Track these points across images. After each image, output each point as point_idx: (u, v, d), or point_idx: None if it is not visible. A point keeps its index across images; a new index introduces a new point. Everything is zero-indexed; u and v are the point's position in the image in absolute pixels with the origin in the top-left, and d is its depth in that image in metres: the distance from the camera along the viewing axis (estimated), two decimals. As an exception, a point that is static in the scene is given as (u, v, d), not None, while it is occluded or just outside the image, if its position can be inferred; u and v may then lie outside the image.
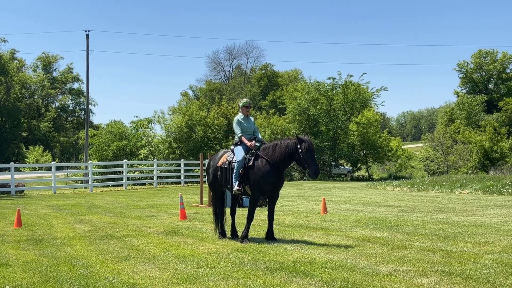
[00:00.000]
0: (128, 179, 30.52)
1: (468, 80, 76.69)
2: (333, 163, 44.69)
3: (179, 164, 32.47)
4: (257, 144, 9.54)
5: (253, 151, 9.43)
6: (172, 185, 31.26)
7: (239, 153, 9.46)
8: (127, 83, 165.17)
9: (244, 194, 9.62)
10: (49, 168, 29.38)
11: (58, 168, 31.34)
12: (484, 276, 6.52)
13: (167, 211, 15.40)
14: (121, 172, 30.17)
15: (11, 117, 70.12)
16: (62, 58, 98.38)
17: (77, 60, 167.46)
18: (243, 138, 9.61)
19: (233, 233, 9.97)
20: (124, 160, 30.02)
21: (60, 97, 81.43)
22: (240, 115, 9.88)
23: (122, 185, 29.06)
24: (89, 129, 45.48)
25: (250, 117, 10.03)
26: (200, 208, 16.14)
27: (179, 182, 31.81)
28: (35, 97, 78.24)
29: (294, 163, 9.50)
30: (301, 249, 8.48)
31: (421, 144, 65.15)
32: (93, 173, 29.59)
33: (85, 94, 57.79)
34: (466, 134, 48.58)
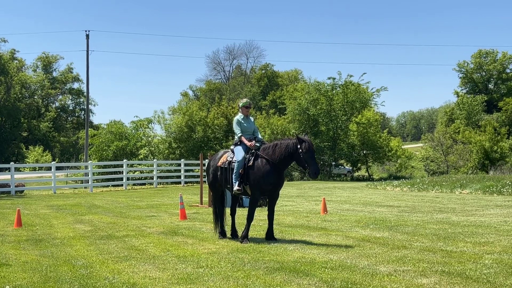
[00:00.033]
0: (128, 179, 30.52)
1: (468, 80, 76.68)
2: (333, 163, 44.69)
3: (179, 164, 32.47)
4: (257, 144, 9.54)
5: (253, 151, 9.43)
6: (172, 185, 31.26)
7: (239, 153, 9.46)
8: (127, 83, 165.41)
9: (244, 194, 9.62)
10: (49, 168, 29.39)
11: (58, 168, 31.35)
12: (484, 276, 6.52)
13: (167, 211, 15.40)
14: (121, 172, 30.17)
15: (11, 117, 70.13)
16: (62, 58, 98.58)
17: (77, 60, 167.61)
18: (243, 138, 9.61)
19: (233, 233, 9.97)
20: (124, 160, 30.03)
21: (60, 97, 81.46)
22: (240, 115, 9.88)
23: (122, 185, 29.07)
24: (89, 129, 45.47)
25: (250, 117, 10.03)
26: (200, 208, 16.14)
27: (179, 182, 31.82)
28: (35, 97, 78.24)
29: (294, 163, 9.50)
30: (301, 249, 8.48)
31: (421, 144, 65.15)
32: (93, 173, 29.59)
33: (85, 94, 57.81)
34: (466, 134, 48.57)
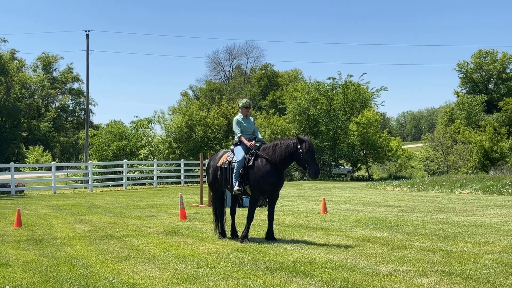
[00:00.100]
0: (128, 179, 30.53)
1: (468, 80, 76.66)
2: (333, 163, 44.68)
3: (179, 164, 32.48)
4: (257, 144, 9.55)
5: (253, 151, 9.44)
6: (172, 185, 31.26)
7: (239, 153, 9.46)
8: (127, 83, 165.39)
9: (244, 194, 9.62)
10: (49, 168, 29.40)
11: (58, 168, 31.35)
12: (484, 276, 6.52)
13: (167, 211, 15.40)
14: (121, 172, 30.17)
15: (11, 117, 70.13)
16: (62, 58, 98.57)
17: (77, 60, 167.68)
18: (243, 138, 9.61)
19: (233, 233, 9.97)
20: (124, 160, 30.03)
21: (60, 97, 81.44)
22: (240, 115, 9.88)
23: (122, 185, 29.07)
24: (89, 129, 45.47)
25: (250, 117, 10.03)
26: (200, 208, 16.14)
27: (179, 182, 31.82)
28: (35, 97, 78.23)
29: (294, 163, 9.50)
30: (301, 249, 8.48)
31: (421, 144, 65.14)
32: (93, 173, 29.59)
33: (85, 94, 57.82)
34: (466, 134, 48.57)
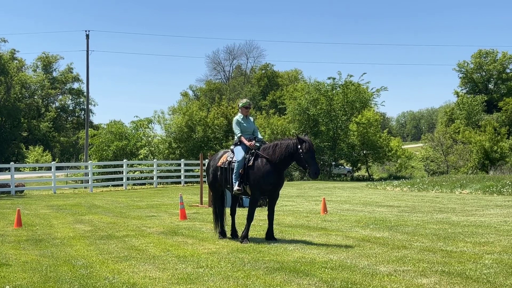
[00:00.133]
0: (128, 179, 30.52)
1: (468, 80, 76.66)
2: (333, 163, 44.68)
3: (179, 164, 32.48)
4: (257, 144, 9.55)
5: (253, 151, 9.44)
6: (172, 185, 31.26)
7: (239, 153, 9.47)
8: (127, 83, 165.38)
9: (244, 194, 9.62)
10: (49, 168, 29.40)
11: (58, 168, 31.34)
12: (484, 276, 6.52)
13: (167, 211, 15.40)
14: (121, 172, 30.17)
15: (11, 117, 70.12)
16: (62, 58, 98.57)
17: (77, 60, 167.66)
18: (243, 138, 9.61)
19: (233, 233, 9.97)
20: (124, 160, 30.02)
21: (60, 97, 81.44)
22: (240, 115, 9.88)
23: (122, 185, 29.07)
24: (89, 129, 45.47)
25: (250, 117, 10.03)
26: (200, 208, 16.14)
27: (179, 182, 31.82)
28: (35, 97, 78.22)
29: (294, 163, 9.50)
30: (301, 249, 8.48)
31: (421, 144, 65.14)
32: (93, 173, 29.59)
33: (85, 94, 57.82)
34: (466, 134, 48.56)
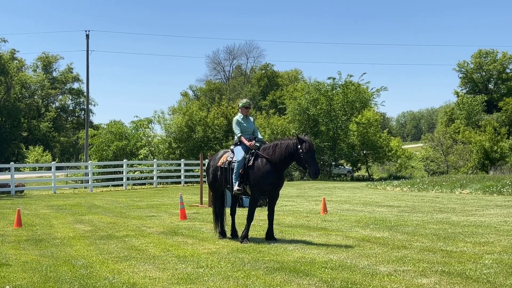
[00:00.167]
0: (128, 179, 30.52)
1: (468, 80, 76.66)
2: (333, 163, 44.68)
3: (179, 164, 32.48)
4: (257, 144, 9.55)
5: (253, 151, 9.44)
6: (172, 185, 31.26)
7: (239, 153, 9.47)
8: (127, 83, 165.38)
9: (244, 194, 9.62)
10: (49, 168, 29.39)
11: (58, 168, 31.34)
12: (484, 276, 6.51)
13: (167, 211, 15.40)
14: (121, 172, 30.17)
15: (11, 117, 70.12)
16: (62, 58, 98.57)
17: (77, 60, 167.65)
18: (242, 138, 9.61)
19: (233, 233, 9.97)
20: (124, 160, 30.02)
21: (60, 97, 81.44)
22: (240, 115, 9.89)
23: (122, 185, 29.07)
24: (89, 129, 45.47)
25: (250, 117, 10.03)
26: (200, 208, 16.14)
27: (179, 182, 31.82)
28: (35, 97, 78.22)
29: (294, 163, 9.50)
30: (301, 249, 8.47)
31: (421, 144, 65.14)
32: (93, 173, 29.59)
33: (85, 94, 57.82)
34: (466, 134, 48.56)
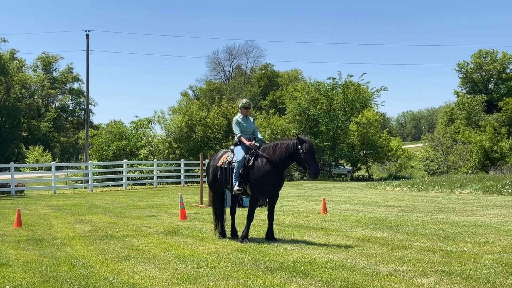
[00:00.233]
0: (128, 179, 30.52)
1: (468, 80, 76.66)
2: (333, 163, 44.68)
3: (179, 164, 32.47)
4: (257, 144, 9.55)
5: (253, 151, 9.44)
6: (172, 185, 31.26)
7: (239, 153, 9.47)
8: (127, 83, 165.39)
9: (244, 194, 9.62)
10: (49, 168, 29.39)
11: (58, 168, 31.34)
12: (484, 276, 6.51)
13: (167, 211, 15.40)
14: (121, 172, 30.17)
15: (11, 117, 70.12)
16: (62, 58, 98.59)
17: (77, 60, 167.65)
18: (242, 138, 9.61)
19: (233, 233, 9.97)
20: (124, 160, 30.02)
21: (60, 97, 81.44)
22: (239, 115, 9.89)
23: (122, 185, 29.07)
24: (89, 129, 45.46)
25: (250, 117, 10.03)
26: (200, 208, 16.14)
27: (179, 182, 31.81)
28: (35, 97, 78.22)
29: (295, 163, 9.50)
30: (301, 249, 8.47)
31: (421, 144, 65.13)
32: (93, 173, 29.59)
33: (85, 94, 57.82)
34: (466, 134, 48.56)
